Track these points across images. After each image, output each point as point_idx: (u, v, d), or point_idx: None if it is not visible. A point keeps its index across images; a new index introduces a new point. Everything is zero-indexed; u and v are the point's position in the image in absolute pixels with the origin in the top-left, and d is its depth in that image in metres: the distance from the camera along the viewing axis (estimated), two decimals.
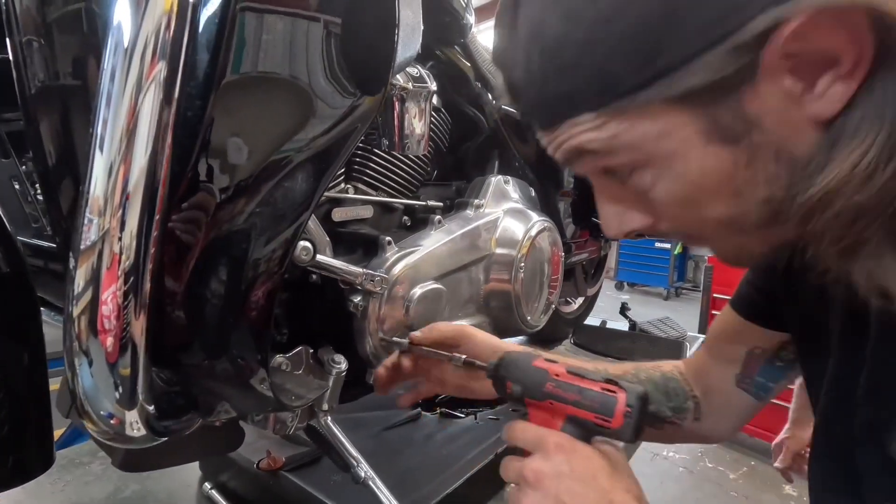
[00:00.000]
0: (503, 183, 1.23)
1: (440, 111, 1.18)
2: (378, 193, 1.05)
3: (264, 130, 0.48)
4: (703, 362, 0.76)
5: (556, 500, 0.46)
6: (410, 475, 0.98)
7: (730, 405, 0.72)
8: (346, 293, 0.86)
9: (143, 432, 0.46)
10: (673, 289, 7.79)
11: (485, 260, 1.10)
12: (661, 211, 0.44)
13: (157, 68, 0.40)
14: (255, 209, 0.48)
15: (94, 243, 0.41)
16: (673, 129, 0.38)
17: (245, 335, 0.49)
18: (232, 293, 0.47)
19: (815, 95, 0.35)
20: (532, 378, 0.54)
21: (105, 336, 0.41)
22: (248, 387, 0.51)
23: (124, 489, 1.08)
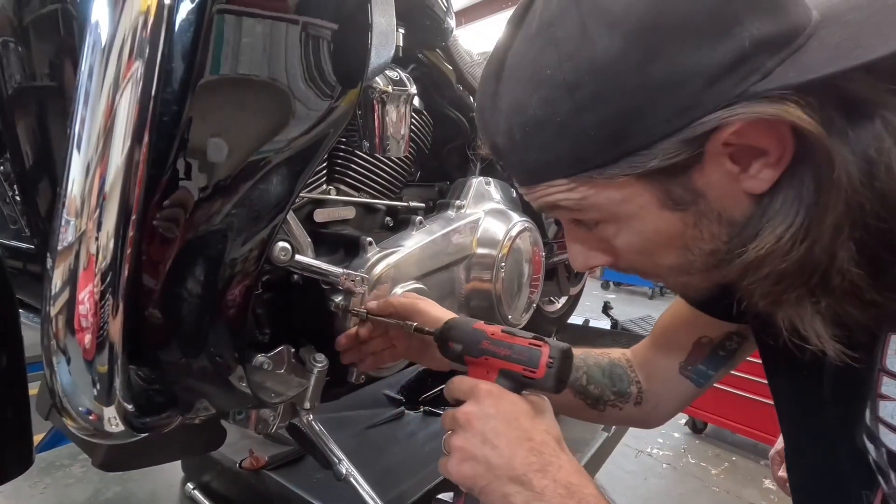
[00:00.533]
0: (484, 184, 1.25)
1: (422, 113, 1.19)
2: (360, 195, 1.06)
3: (240, 132, 0.49)
4: (650, 350, 0.81)
5: (482, 437, 0.52)
6: (392, 472, 1.00)
7: (670, 392, 0.78)
8: (328, 293, 0.87)
9: (121, 428, 0.47)
10: (658, 288, 7.89)
11: (466, 260, 1.12)
12: (620, 255, 0.52)
13: (133, 67, 0.41)
14: (232, 210, 0.49)
15: (70, 244, 0.41)
16: (633, 197, 0.45)
17: (222, 333, 0.50)
18: (208, 292, 0.48)
19: (749, 175, 0.43)
20: (471, 338, 0.61)
21: (82, 334, 0.42)
22: (227, 384, 0.52)
23: (105, 491, 1.08)
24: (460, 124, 1.31)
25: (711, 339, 0.73)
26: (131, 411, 0.47)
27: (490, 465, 0.51)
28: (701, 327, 0.74)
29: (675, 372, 0.76)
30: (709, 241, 0.47)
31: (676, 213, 0.45)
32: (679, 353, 0.76)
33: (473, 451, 0.52)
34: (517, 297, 1.24)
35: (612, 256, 0.53)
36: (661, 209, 0.45)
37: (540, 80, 0.44)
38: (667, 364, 0.77)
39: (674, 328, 0.78)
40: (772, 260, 0.42)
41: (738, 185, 0.43)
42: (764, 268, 0.43)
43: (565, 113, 0.43)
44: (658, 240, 0.48)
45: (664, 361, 0.77)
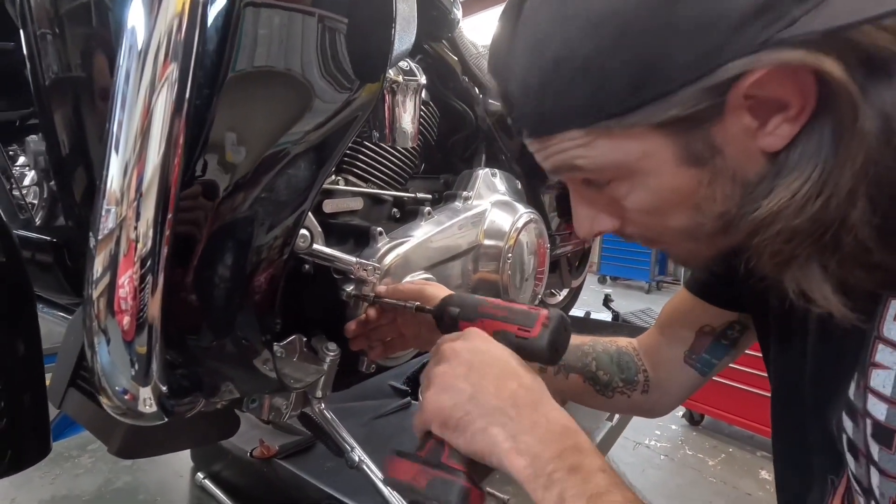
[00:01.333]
0: (490, 175, 1.25)
1: (428, 105, 1.20)
2: (368, 185, 1.06)
3: (267, 123, 0.49)
4: (655, 340, 0.82)
5: (468, 366, 0.49)
6: None
7: (675, 380, 0.78)
8: (339, 283, 0.87)
9: (154, 409, 0.47)
10: (654, 282, 7.93)
11: (473, 251, 1.13)
12: (629, 217, 0.51)
13: (169, 69, 0.42)
14: (259, 199, 0.49)
15: (111, 231, 0.42)
16: (651, 150, 0.44)
17: (249, 317, 0.51)
18: (237, 277, 0.48)
19: (767, 132, 0.42)
20: (469, 304, 0.60)
21: (122, 316, 0.43)
22: (252, 367, 0.53)
23: (115, 481, 1.08)
24: (466, 116, 1.31)
25: (714, 328, 0.74)
26: (165, 393, 0.48)
27: (472, 394, 0.47)
28: (703, 316, 0.74)
29: (680, 361, 0.76)
30: (720, 203, 0.46)
31: (692, 169, 0.44)
32: (683, 343, 0.76)
33: (456, 380, 0.48)
34: (522, 289, 1.25)
35: (620, 220, 0.52)
36: (678, 165, 0.44)
37: (563, 19, 0.42)
38: (672, 353, 0.77)
39: (677, 318, 0.79)
40: (785, 216, 0.42)
41: (755, 143, 0.43)
42: (776, 225, 0.42)
43: (587, 54, 0.41)
44: (671, 199, 0.47)
45: (669, 350, 0.78)
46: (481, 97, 1.34)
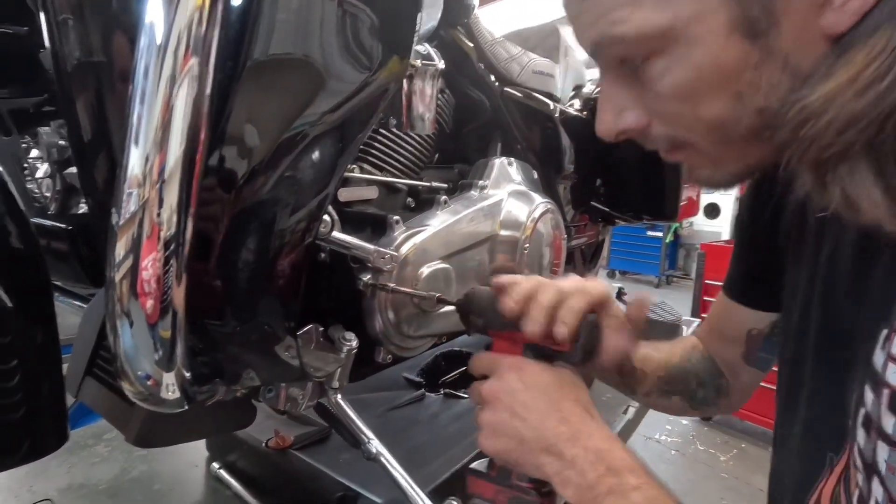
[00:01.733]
0: (506, 165, 1.23)
1: (444, 92, 1.18)
2: (383, 174, 1.05)
3: (289, 106, 0.48)
4: (712, 344, 0.79)
5: (510, 411, 0.52)
6: (418, 452, 1.00)
7: (741, 379, 0.76)
8: (356, 272, 0.86)
9: (176, 395, 0.46)
10: (664, 276, 7.87)
11: (489, 241, 1.11)
12: (659, 108, 0.46)
13: (190, 63, 0.41)
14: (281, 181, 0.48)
15: (133, 214, 0.42)
16: (706, 10, 0.39)
17: (273, 303, 0.49)
18: (260, 262, 0.47)
19: (835, 7, 0.37)
20: (494, 311, 0.58)
21: (145, 299, 0.42)
22: (274, 354, 0.52)
23: (131, 470, 1.08)
24: (481, 104, 1.29)
25: (760, 331, 0.71)
26: (188, 379, 0.47)
27: (521, 438, 0.51)
28: (748, 321, 0.72)
29: (741, 363, 0.74)
30: (764, 94, 0.41)
31: (744, 42, 0.39)
32: (736, 346, 0.74)
33: (503, 427, 0.52)
34: None
35: (647, 116, 0.48)
36: (729, 32, 0.39)
37: None
38: (730, 357, 0.75)
39: (722, 325, 0.76)
40: (841, 102, 0.36)
41: (817, 21, 0.38)
42: (829, 113, 0.37)
43: None
44: (712, 79, 0.42)
45: (729, 353, 0.75)
46: (497, 85, 1.31)
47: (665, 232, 7.53)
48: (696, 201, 2.09)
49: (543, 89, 1.43)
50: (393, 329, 0.91)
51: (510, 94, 1.33)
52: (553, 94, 1.49)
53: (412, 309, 0.92)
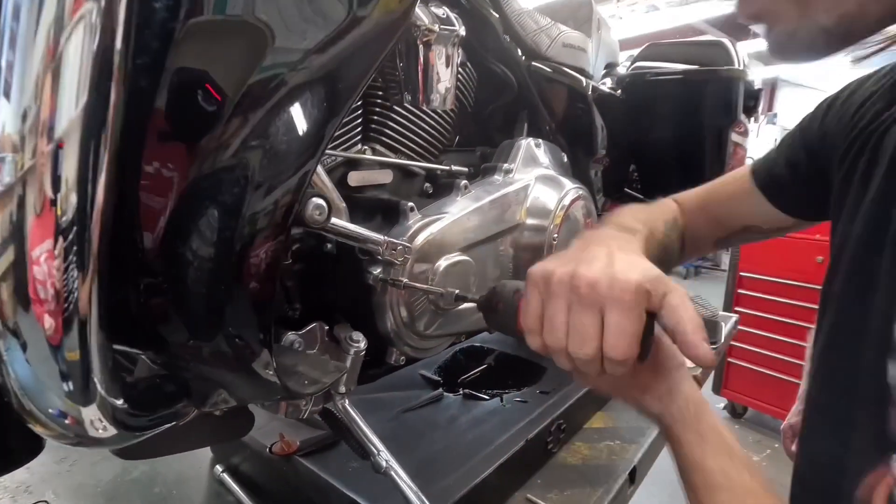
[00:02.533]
0: (534, 146, 1.12)
1: (465, 66, 1.07)
2: (398, 156, 0.95)
3: (261, 39, 0.37)
4: (694, 213, 0.76)
5: (576, 259, 0.47)
6: (433, 462, 0.91)
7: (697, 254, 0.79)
8: (365, 264, 0.77)
9: (112, 431, 0.37)
10: (693, 268, 7.63)
11: (514, 231, 1.01)
12: None
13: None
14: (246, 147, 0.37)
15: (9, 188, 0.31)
16: None
17: (243, 309, 0.39)
18: (224, 255, 0.37)
19: None
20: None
21: (40, 309, 0.31)
22: (250, 372, 0.42)
23: (132, 470, 1.03)
24: (506, 81, 1.18)
25: (762, 231, 0.71)
26: (123, 408, 0.37)
27: None
28: (756, 214, 0.69)
29: (710, 244, 0.76)
30: None
31: None
32: (720, 229, 0.73)
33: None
34: None
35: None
36: None
37: None
38: (705, 234, 0.75)
39: (727, 204, 0.74)
40: None
41: None
42: None
43: None
44: None
45: (704, 230, 0.75)
46: (523, 59, 1.19)
47: None
48: None
49: (574, 64, 1.31)
50: (406, 328, 0.82)
51: (538, 68, 1.21)
52: (585, 70, 1.36)
53: (428, 306, 0.83)
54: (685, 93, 1.45)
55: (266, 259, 0.39)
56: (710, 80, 1.41)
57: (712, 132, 1.47)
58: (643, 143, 1.55)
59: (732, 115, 1.43)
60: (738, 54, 1.46)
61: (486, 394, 1.20)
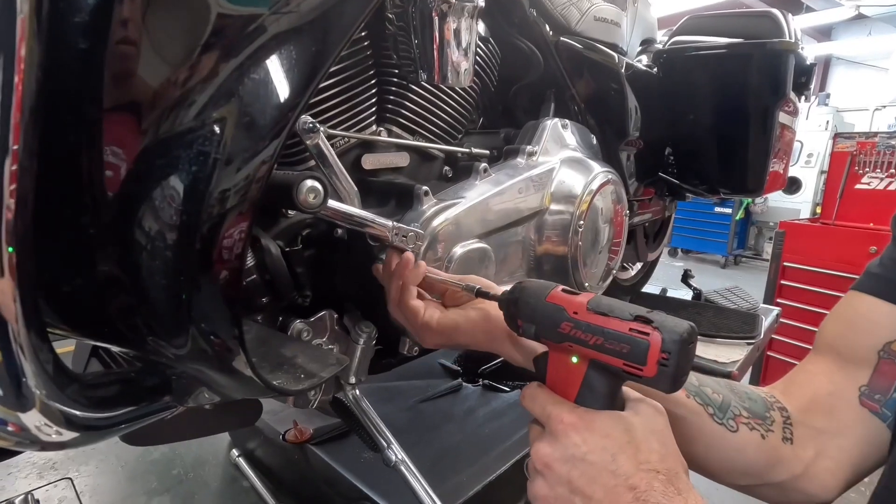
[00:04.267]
0: (560, 127, 1.05)
1: (488, 41, 1.01)
2: (415, 138, 0.91)
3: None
4: (810, 373, 0.57)
5: (570, 487, 0.41)
6: (448, 456, 0.88)
7: (846, 434, 0.51)
8: (376, 251, 0.74)
9: (68, 434, 0.34)
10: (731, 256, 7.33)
11: (537, 217, 0.95)
12: None
13: None
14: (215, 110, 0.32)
15: None
16: None
17: (213, 301, 0.36)
18: (189, 239, 0.33)
19: None
20: (547, 316, 0.46)
21: None
22: (226, 370, 0.39)
23: (153, 451, 1.04)
24: (532, 58, 1.11)
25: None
26: (76, 409, 0.35)
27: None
28: (886, 329, 0.50)
29: (854, 402, 0.51)
30: None
31: None
32: (857, 373, 0.51)
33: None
34: (595, 263, 1.06)
35: None
36: None
37: None
38: (838, 387, 0.52)
39: (845, 336, 0.54)
40: None
41: None
42: None
43: None
44: None
45: (836, 384, 0.53)
46: (551, 35, 1.12)
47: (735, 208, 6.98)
48: (781, 174, 1.81)
49: (607, 40, 1.23)
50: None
51: (567, 44, 1.14)
52: (618, 46, 1.27)
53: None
54: (728, 69, 1.34)
55: (237, 244, 0.35)
56: (757, 53, 1.30)
57: (757, 111, 1.36)
58: (681, 124, 1.46)
59: (781, 92, 1.32)
60: (789, 25, 1.34)
61: (507, 385, 1.16)
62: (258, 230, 0.71)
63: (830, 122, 6.75)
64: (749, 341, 1.54)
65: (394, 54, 0.82)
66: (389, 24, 0.79)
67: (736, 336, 1.55)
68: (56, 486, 0.94)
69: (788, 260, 3.17)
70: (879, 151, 3.64)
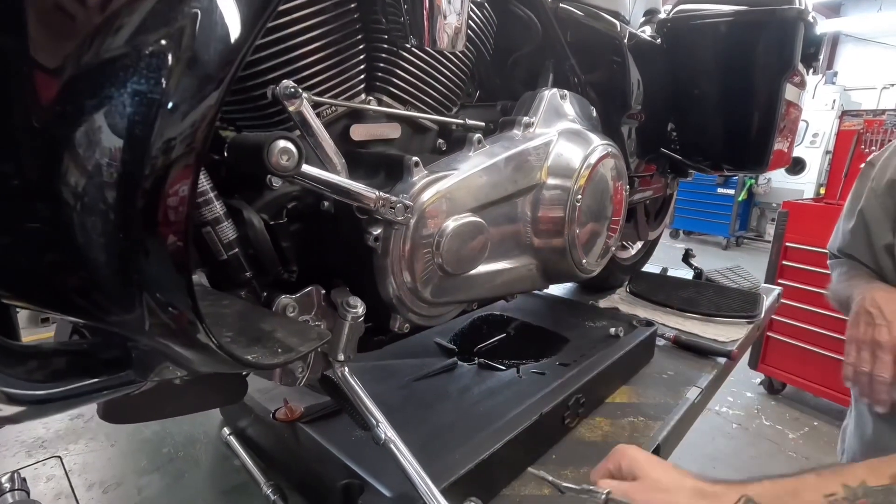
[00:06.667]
0: (559, 98, 1.01)
1: (483, 7, 0.96)
2: (407, 108, 0.87)
3: None
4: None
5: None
6: (441, 435, 0.87)
7: None
8: (364, 224, 0.71)
9: (13, 409, 0.32)
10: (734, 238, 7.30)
11: (534, 190, 0.92)
12: None
13: None
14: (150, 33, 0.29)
15: None
16: None
17: (165, 267, 0.33)
18: (132, 195, 0.30)
19: None
20: None
21: None
22: (187, 343, 0.37)
23: (144, 430, 1.03)
24: (530, 25, 1.07)
25: None
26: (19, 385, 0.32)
27: None
28: None
29: None
30: None
31: None
32: None
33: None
34: (594, 241, 1.03)
35: None
36: None
37: None
38: None
39: None
40: None
41: None
42: None
43: None
44: None
45: None
46: (550, 1, 1.08)
47: (738, 189, 6.92)
48: (786, 153, 1.77)
49: (609, 7, 1.18)
50: (409, 294, 0.76)
51: (567, 11, 1.09)
52: (620, 14, 1.22)
53: (434, 270, 0.76)
54: (735, 38, 1.29)
55: (183, 200, 0.32)
56: (765, 21, 1.25)
57: (764, 82, 1.32)
58: (685, 97, 1.41)
59: (789, 63, 1.27)
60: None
61: (503, 364, 1.14)
62: (241, 202, 0.68)
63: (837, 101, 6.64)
64: (750, 320, 1.52)
65: (382, 18, 0.78)
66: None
67: (736, 315, 1.53)
68: (45, 464, 0.93)
69: (791, 240, 3.14)
70: (887, 130, 3.57)
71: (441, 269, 0.77)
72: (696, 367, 1.30)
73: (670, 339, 1.43)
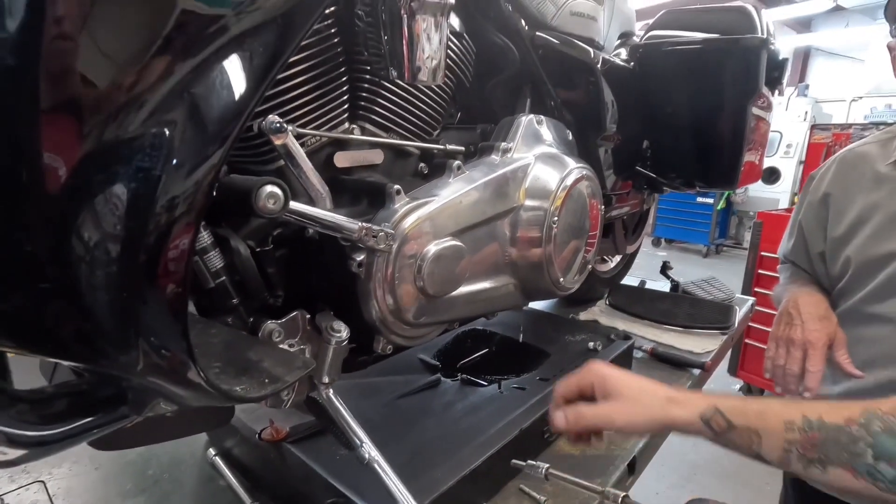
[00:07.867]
0: (535, 123, 1.06)
1: (463, 38, 1.00)
2: (389, 135, 0.90)
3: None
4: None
5: None
6: (424, 451, 0.89)
7: None
8: (348, 251, 0.74)
9: (16, 452, 0.34)
10: (713, 246, 7.45)
11: (512, 213, 0.96)
12: None
13: None
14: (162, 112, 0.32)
15: None
16: None
17: (160, 314, 0.36)
18: (135, 251, 0.33)
19: None
20: None
21: None
22: (179, 382, 0.39)
23: (129, 452, 1.03)
24: (508, 53, 1.11)
25: None
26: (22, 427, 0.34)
27: None
28: None
29: None
30: None
31: None
32: None
33: None
34: (571, 259, 1.07)
35: None
36: None
37: None
38: None
39: None
40: None
41: None
42: None
43: None
44: None
45: None
46: (527, 30, 1.12)
47: (717, 198, 7.09)
48: (757, 166, 1.84)
49: (583, 34, 1.23)
50: (392, 316, 0.79)
51: (543, 39, 1.14)
52: (595, 41, 1.28)
53: (415, 293, 0.79)
54: (702, 63, 1.35)
55: (183, 254, 0.35)
56: (729, 49, 1.31)
57: (731, 106, 1.38)
58: (657, 118, 1.47)
59: (753, 88, 1.34)
60: (761, 20, 1.35)
61: (485, 380, 1.17)
62: (228, 231, 0.71)
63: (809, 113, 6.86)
64: (723, 332, 1.58)
65: (364, 50, 0.81)
66: (359, 20, 0.78)
67: (711, 327, 1.59)
68: (28, 489, 0.92)
69: (766, 249, 3.23)
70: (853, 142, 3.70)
71: (423, 292, 0.80)
72: (673, 379, 1.35)
73: (647, 352, 1.47)
